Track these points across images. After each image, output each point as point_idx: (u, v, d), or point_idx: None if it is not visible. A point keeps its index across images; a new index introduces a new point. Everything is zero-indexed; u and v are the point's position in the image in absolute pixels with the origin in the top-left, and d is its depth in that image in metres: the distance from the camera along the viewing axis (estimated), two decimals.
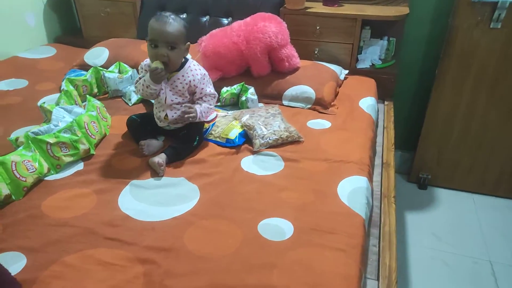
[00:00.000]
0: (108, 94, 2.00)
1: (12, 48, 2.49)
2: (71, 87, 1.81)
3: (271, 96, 1.98)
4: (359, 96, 2.01)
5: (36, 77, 2.20)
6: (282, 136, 1.61)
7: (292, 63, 2.00)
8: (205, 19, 2.42)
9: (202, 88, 1.56)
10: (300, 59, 2.11)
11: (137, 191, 1.32)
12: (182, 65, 1.54)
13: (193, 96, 1.58)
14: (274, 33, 1.91)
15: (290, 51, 1.99)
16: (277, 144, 1.60)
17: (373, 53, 2.31)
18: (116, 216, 1.20)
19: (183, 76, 1.53)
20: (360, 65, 2.28)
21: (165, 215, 1.21)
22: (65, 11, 2.82)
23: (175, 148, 1.50)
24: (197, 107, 1.54)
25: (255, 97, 1.85)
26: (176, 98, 1.55)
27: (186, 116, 1.50)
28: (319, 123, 1.80)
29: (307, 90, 1.94)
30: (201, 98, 1.58)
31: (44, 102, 1.68)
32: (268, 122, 1.67)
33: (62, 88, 1.78)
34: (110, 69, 2.06)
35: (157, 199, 1.28)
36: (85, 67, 2.23)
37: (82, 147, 1.45)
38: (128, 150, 1.54)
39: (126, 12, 2.55)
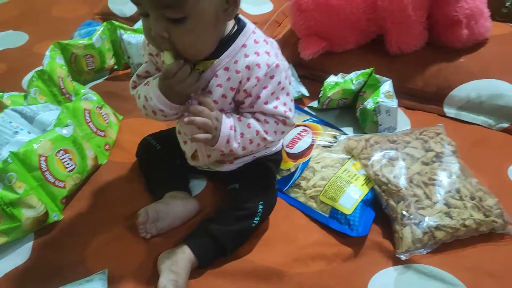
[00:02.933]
0: (130, 70, 1.19)
1: None
2: (58, 60, 1.02)
3: (421, 96, 1.01)
4: None
5: (42, 30, 1.47)
6: (467, 223, 0.68)
7: (476, 30, 0.98)
8: None
9: (264, 98, 0.65)
10: None
11: None
12: (227, 42, 0.64)
13: (238, 105, 0.69)
14: None
15: (476, 4, 0.96)
16: (453, 239, 0.68)
17: None
18: None
19: (229, 65, 0.64)
20: None
21: None
22: None
23: (211, 233, 0.66)
24: (227, 119, 0.65)
25: (395, 103, 0.89)
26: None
27: (191, 134, 0.64)
28: None
29: (505, 91, 0.93)
30: (255, 114, 0.67)
31: (3, 92, 0.93)
32: (433, 176, 0.74)
33: (43, 63, 1.00)
34: (137, 25, 1.23)
35: None
36: (109, 17, 1.43)
37: (28, 213, 0.69)
38: (128, 215, 0.74)
39: None
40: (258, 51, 0.64)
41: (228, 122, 0.64)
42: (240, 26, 0.66)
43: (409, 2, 0.92)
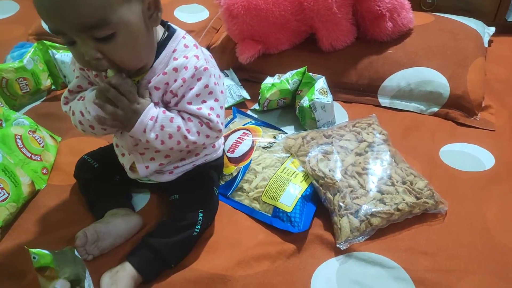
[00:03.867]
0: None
1: None
2: None
3: (355, 89, 1.05)
4: None
5: None
6: (400, 207, 0.71)
7: (399, 22, 1.03)
8: None
9: (189, 99, 0.65)
10: None
11: None
12: (158, 49, 0.65)
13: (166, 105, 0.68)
14: None
15: None
16: (389, 224, 0.71)
17: None
18: None
19: (163, 73, 0.64)
20: None
21: None
22: None
23: (153, 247, 0.66)
24: (152, 109, 0.63)
25: (329, 99, 0.92)
26: None
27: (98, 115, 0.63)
28: (468, 155, 0.87)
29: (432, 77, 0.99)
30: (179, 112, 0.67)
31: None
32: (366, 166, 0.77)
33: None
34: None
35: None
36: (44, 37, 1.38)
37: None
38: (69, 238, 0.72)
39: None
40: (187, 55, 0.64)
41: (150, 113, 0.62)
42: (170, 32, 0.66)
43: (333, 0, 0.96)
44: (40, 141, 0.88)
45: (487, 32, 1.18)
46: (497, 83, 1.07)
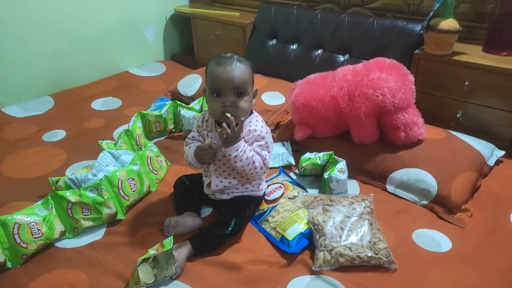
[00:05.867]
0: (182, 133, 1.76)
1: (130, 61, 2.51)
2: (138, 124, 1.61)
3: (371, 174, 1.43)
4: None
5: (131, 99, 2.12)
6: (361, 256, 1.07)
7: (411, 134, 1.41)
8: (317, 53, 1.97)
9: (257, 145, 1.16)
10: (434, 123, 1.52)
11: None
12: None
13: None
14: (391, 90, 1.36)
15: (411, 117, 1.40)
16: (352, 265, 1.08)
17: None
18: None
19: (244, 126, 1.15)
20: None
21: None
22: (184, 29, 2.73)
23: (204, 236, 1.13)
24: (243, 141, 1.12)
25: (344, 176, 1.33)
26: (222, 161, 1.18)
27: (223, 130, 1.08)
28: (433, 239, 1.18)
29: (426, 179, 1.33)
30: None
31: (103, 140, 1.52)
32: (348, 226, 1.15)
33: (128, 124, 1.60)
34: (192, 104, 1.82)
35: None
36: (177, 95, 2.05)
37: (107, 211, 1.21)
38: (160, 221, 1.23)
39: (236, 36, 2.29)
40: (260, 124, 1.17)
41: (242, 142, 1.11)
42: (251, 111, 1.19)
43: (362, 111, 1.39)
44: (159, 162, 1.46)
45: (495, 154, 1.47)
46: (486, 194, 1.34)
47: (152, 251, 1.03)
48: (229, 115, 1.09)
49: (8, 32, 1.92)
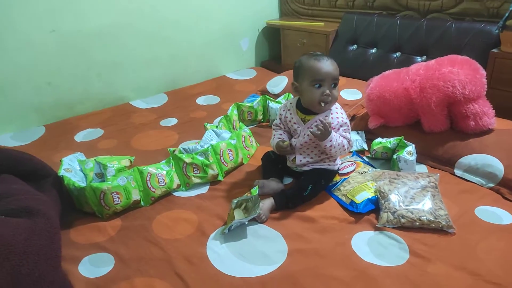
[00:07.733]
0: (269, 123, 2.06)
1: (227, 67, 2.93)
2: (235, 112, 1.95)
3: (440, 160, 1.56)
4: None
5: (227, 96, 2.50)
6: (421, 219, 1.23)
7: (480, 123, 1.51)
8: (395, 55, 2.14)
9: (342, 130, 1.40)
10: (506, 116, 1.57)
11: (230, 234, 1.28)
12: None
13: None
14: (461, 82, 1.49)
15: (481, 107, 1.51)
16: (412, 227, 1.24)
17: None
18: (197, 253, 1.21)
19: (327, 117, 1.39)
20: None
21: (237, 271, 1.13)
22: (273, 39, 3.09)
23: (285, 195, 1.39)
24: (333, 133, 1.35)
25: (412, 158, 1.48)
26: (308, 143, 1.43)
27: (315, 131, 1.31)
28: (495, 214, 1.28)
29: (493, 163, 1.42)
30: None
31: (207, 123, 1.88)
32: (412, 195, 1.31)
33: (227, 112, 1.95)
34: (279, 98, 2.11)
35: (242, 251, 1.20)
36: (265, 93, 2.37)
37: (211, 172, 1.54)
38: (251, 185, 1.52)
39: (320, 43, 2.56)
40: (340, 111, 1.41)
41: (333, 132, 1.35)
42: None
43: (432, 101, 1.54)
44: (251, 141, 1.77)
45: None
46: None
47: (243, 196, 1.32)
48: (323, 104, 1.34)
49: (140, 42, 2.43)
